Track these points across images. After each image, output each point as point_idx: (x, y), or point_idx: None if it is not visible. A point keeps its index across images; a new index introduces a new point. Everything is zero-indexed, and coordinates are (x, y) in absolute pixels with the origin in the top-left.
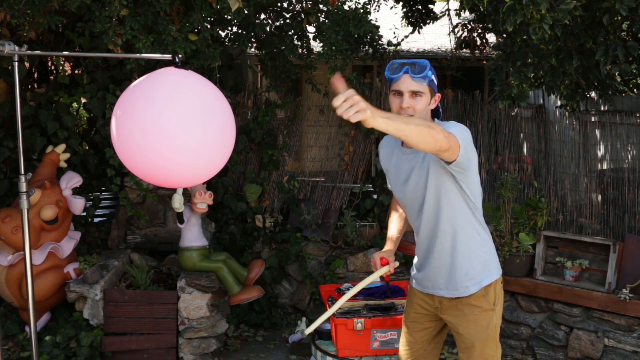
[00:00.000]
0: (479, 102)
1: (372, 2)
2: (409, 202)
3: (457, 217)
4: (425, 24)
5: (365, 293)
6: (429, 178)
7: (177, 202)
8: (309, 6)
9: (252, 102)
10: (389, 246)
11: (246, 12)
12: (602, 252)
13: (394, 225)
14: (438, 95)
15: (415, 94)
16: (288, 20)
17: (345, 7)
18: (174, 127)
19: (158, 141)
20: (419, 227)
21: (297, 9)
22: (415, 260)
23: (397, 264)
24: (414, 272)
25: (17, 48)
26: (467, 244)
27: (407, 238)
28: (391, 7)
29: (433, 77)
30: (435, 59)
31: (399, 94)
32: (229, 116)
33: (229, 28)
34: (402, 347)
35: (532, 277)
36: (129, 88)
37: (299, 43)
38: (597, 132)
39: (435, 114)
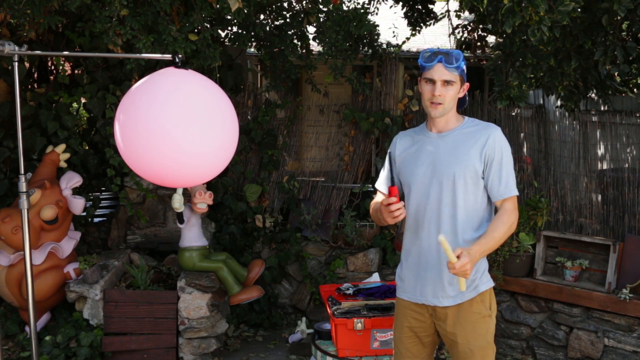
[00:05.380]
0: (479, 102)
1: (372, 2)
2: (421, 185)
3: (469, 215)
4: (425, 24)
5: (365, 293)
6: (455, 173)
7: (177, 202)
8: (309, 6)
9: (252, 102)
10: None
11: (246, 12)
12: (602, 252)
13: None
14: (467, 85)
15: (447, 82)
16: (288, 20)
17: (345, 7)
18: (176, 128)
19: (161, 142)
20: (424, 214)
21: (297, 8)
22: (405, 266)
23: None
24: (402, 281)
25: (17, 48)
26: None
27: None
28: (390, 7)
29: (464, 67)
30: None
31: (432, 82)
32: (232, 116)
33: (229, 28)
34: None
35: (532, 277)
36: (130, 90)
37: (299, 43)
38: (597, 132)
39: (461, 102)
